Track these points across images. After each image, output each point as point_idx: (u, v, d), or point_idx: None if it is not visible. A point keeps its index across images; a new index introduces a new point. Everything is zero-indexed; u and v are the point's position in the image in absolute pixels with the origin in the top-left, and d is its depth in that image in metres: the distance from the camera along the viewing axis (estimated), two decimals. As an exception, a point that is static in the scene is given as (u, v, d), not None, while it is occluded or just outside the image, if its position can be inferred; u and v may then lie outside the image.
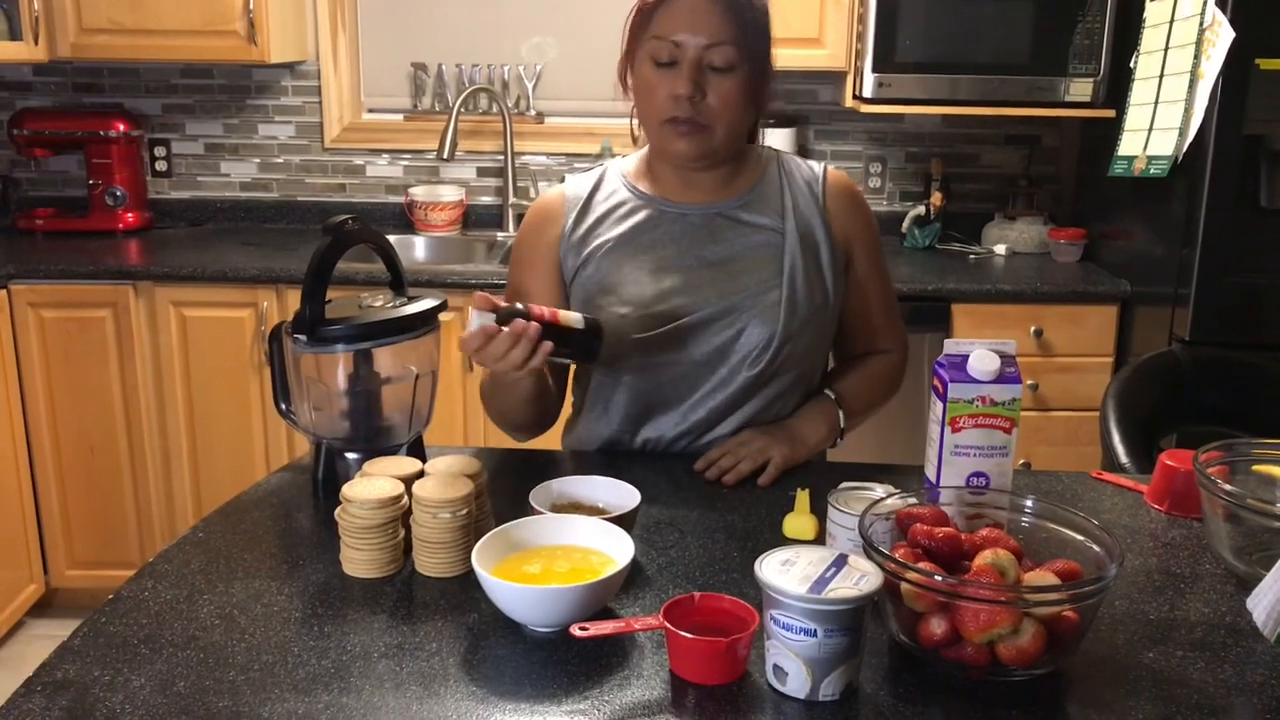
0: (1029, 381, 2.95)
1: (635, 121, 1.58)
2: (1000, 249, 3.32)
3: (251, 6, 3.09)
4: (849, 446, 1.70)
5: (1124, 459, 1.82)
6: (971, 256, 3.30)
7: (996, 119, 3.42)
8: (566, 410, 1.73)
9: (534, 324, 1.36)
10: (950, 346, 1.28)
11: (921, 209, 3.37)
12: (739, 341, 1.55)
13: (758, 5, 1.51)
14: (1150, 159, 2.73)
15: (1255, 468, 1.36)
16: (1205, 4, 2.51)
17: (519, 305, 1.38)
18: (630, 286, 1.56)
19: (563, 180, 1.67)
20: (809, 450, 1.57)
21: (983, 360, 1.25)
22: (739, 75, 1.49)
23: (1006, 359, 1.26)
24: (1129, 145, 2.83)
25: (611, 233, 1.59)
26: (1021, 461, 2.95)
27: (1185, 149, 2.60)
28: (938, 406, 1.28)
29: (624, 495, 1.33)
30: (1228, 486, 1.25)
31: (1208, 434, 1.46)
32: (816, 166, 1.64)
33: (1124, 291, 2.94)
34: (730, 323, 1.54)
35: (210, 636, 1.10)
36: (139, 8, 3.11)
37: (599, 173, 1.66)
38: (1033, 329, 2.94)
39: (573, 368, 1.69)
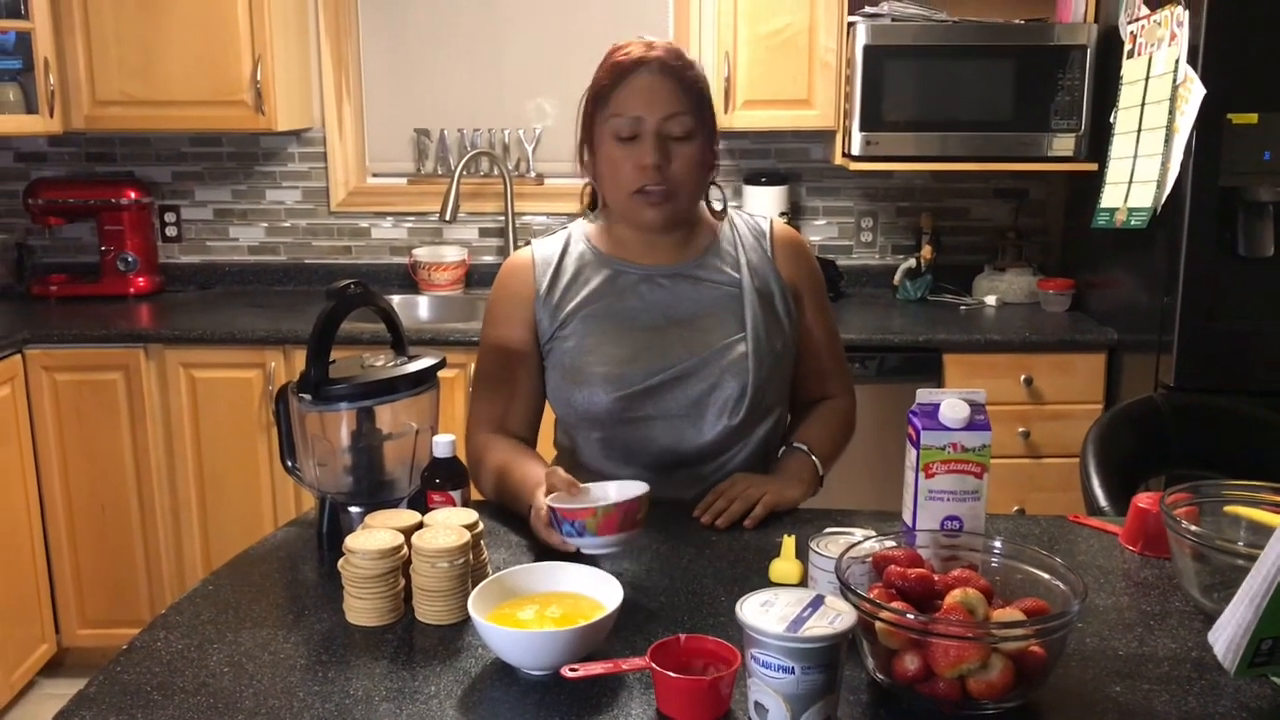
0: (1020, 429, 3.00)
1: (586, 194, 1.70)
2: (991, 300, 3.39)
3: (259, 77, 3.20)
4: (843, 492, 1.76)
5: (1103, 502, 1.87)
6: (962, 307, 3.37)
7: (984, 174, 3.50)
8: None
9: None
10: (922, 396, 1.34)
11: (913, 262, 3.45)
12: (713, 394, 1.63)
13: (700, 78, 1.64)
14: (1131, 211, 2.80)
15: (1227, 509, 1.41)
16: (1177, 61, 2.60)
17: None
18: (608, 347, 1.65)
19: (528, 244, 1.76)
20: (795, 496, 1.63)
21: (953, 409, 1.31)
22: (696, 142, 1.61)
23: (976, 407, 1.32)
24: (1110, 198, 2.91)
25: (582, 295, 1.68)
26: (1016, 508, 2.99)
27: (1163, 201, 2.67)
28: (912, 453, 1.34)
29: (634, 490, 1.38)
30: (1192, 527, 1.30)
31: (1191, 478, 1.49)
32: (763, 221, 1.76)
33: (1111, 340, 3.00)
34: (703, 377, 1.63)
35: (220, 683, 1.15)
36: (150, 80, 3.22)
37: (565, 236, 1.76)
38: (1023, 377, 3.00)
39: (552, 426, 1.76)
